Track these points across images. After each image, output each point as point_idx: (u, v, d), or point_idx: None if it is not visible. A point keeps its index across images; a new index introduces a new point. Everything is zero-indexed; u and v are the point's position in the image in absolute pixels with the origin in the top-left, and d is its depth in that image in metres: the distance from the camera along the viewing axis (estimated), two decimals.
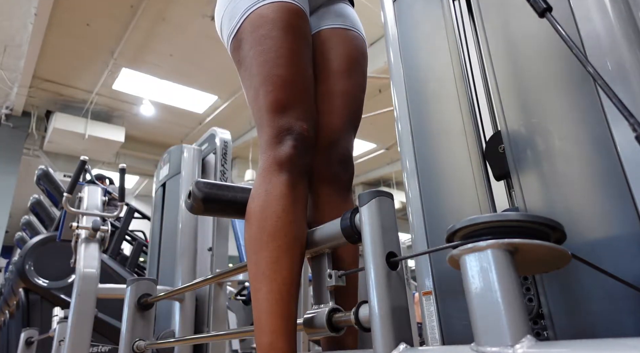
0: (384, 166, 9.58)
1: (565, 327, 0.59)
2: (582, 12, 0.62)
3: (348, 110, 1.03)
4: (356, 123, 1.07)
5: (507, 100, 0.71)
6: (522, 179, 0.67)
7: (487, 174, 0.75)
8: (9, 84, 6.18)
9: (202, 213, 0.94)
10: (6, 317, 3.82)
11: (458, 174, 0.77)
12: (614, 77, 0.56)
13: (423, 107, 0.85)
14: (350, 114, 1.04)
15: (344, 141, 1.03)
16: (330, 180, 1.00)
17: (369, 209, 0.65)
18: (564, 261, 0.48)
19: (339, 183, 1.01)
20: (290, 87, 0.86)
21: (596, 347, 0.36)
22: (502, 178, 0.73)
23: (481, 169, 0.74)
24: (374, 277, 0.61)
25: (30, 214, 4.28)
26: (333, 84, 1.03)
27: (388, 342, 0.58)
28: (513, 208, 0.70)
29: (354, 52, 1.07)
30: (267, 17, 0.89)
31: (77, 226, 2.13)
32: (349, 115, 1.04)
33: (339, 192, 1.01)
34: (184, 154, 2.50)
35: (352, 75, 1.05)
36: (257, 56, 0.88)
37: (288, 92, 0.86)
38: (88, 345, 1.89)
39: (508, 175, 0.70)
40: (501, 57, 0.73)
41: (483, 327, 0.42)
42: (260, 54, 0.88)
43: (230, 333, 1.65)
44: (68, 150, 7.36)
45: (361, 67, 1.09)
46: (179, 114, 7.53)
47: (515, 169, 0.68)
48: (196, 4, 5.21)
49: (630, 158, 0.55)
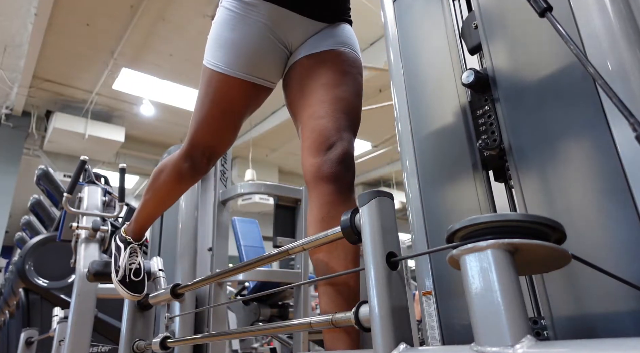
0: (384, 166, 9.58)
1: (565, 327, 0.59)
2: (582, 12, 0.62)
3: (343, 113, 1.08)
4: (354, 126, 1.12)
5: (503, 86, 0.71)
6: (522, 179, 0.67)
7: (487, 174, 0.75)
8: (9, 84, 6.18)
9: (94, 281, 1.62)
10: (6, 316, 3.82)
11: (458, 174, 0.77)
12: (614, 77, 0.56)
13: (423, 107, 0.85)
14: (346, 117, 1.09)
15: (343, 142, 1.05)
16: (332, 180, 1.01)
17: (369, 209, 0.65)
18: (564, 261, 0.48)
19: (340, 182, 1.02)
20: (202, 133, 1.21)
21: (596, 347, 0.36)
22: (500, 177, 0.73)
23: (481, 169, 0.74)
24: (374, 277, 0.61)
25: (30, 214, 4.28)
26: (327, 92, 1.10)
27: (388, 342, 0.58)
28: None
29: (346, 66, 1.16)
30: (212, 80, 1.16)
31: (77, 226, 2.13)
32: (344, 118, 1.08)
33: (341, 192, 1.02)
34: None
35: (344, 83, 1.13)
36: (198, 100, 1.20)
37: (199, 137, 1.22)
38: (88, 345, 1.89)
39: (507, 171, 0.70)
40: (501, 58, 0.73)
41: (483, 327, 0.42)
42: (199, 99, 1.20)
43: (230, 333, 1.65)
44: (68, 150, 7.36)
45: (354, 77, 1.16)
46: (179, 114, 7.53)
47: (516, 169, 0.68)
48: (196, 4, 5.21)
49: (630, 158, 0.55)
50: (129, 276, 1.42)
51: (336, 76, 1.13)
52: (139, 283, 1.44)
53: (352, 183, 1.05)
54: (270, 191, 2.32)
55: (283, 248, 0.92)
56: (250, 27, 1.13)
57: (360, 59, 1.21)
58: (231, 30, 1.14)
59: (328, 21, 1.19)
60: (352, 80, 1.15)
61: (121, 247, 1.47)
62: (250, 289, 2.78)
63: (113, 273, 1.44)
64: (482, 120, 0.75)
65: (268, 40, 1.15)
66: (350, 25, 1.24)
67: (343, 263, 0.98)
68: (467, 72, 0.73)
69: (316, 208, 1.02)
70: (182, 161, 1.24)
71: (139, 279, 1.44)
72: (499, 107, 0.72)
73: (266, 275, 2.31)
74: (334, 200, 1.01)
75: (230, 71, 1.13)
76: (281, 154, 9.12)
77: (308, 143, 1.06)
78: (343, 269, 0.97)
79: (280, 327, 1.17)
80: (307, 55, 1.16)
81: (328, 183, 1.01)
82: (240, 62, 1.14)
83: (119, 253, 1.46)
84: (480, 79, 0.73)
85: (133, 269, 1.43)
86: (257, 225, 3.33)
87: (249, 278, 2.42)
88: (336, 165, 1.02)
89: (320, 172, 1.02)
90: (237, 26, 1.14)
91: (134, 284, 1.43)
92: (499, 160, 0.73)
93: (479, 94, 0.76)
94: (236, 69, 1.14)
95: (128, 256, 1.44)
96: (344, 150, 1.04)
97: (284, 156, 9.23)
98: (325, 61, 1.14)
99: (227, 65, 1.13)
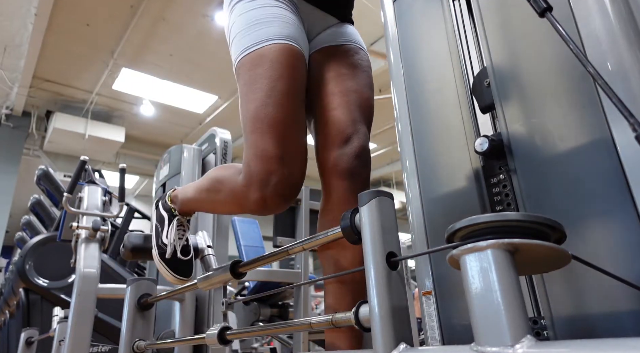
0: (384, 166, 9.59)
1: (565, 327, 0.59)
2: (582, 12, 0.62)
3: (356, 106, 1.06)
4: (368, 118, 1.09)
5: (506, 100, 0.71)
6: (522, 179, 0.67)
7: (487, 174, 0.75)
8: (9, 84, 6.18)
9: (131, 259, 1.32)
10: (6, 316, 3.82)
11: (458, 174, 0.77)
12: (614, 77, 0.56)
13: (423, 107, 0.85)
14: (359, 110, 1.06)
15: (359, 135, 1.02)
16: (349, 175, 0.98)
17: (369, 209, 0.65)
18: (564, 261, 0.47)
19: (356, 178, 0.99)
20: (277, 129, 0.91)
21: (596, 347, 0.36)
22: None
23: (481, 169, 0.74)
24: (374, 277, 0.61)
25: (30, 214, 4.28)
26: (338, 84, 1.07)
27: (388, 342, 0.58)
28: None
29: (356, 59, 1.14)
30: (265, 58, 0.94)
31: (77, 226, 2.13)
32: (358, 110, 1.06)
33: (357, 189, 0.98)
34: (184, 154, 2.50)
35: (355, 76, 1.10)
36: (249, 93, 0.94)
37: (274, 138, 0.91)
38: (88, 345, 1.89)
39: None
40: (501, 57, 0.73)
41: (483, 327, 0.42)
42: (251, 93, 0.94)
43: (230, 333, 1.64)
44: (68, 150, 7.36)
45: (365, 70, 1.14)
46: (179, 114, 7.53)
47: (516, 169, 0.68)
48: (196, 4, 5.21)
49: (630, 158, 0.55)
50: (174, 255, 1.15)
51: (348, 69, 1.11)
52: (186, 264, 1.17)
53: (368, 179, 1.02)
54: None
55: (283, 248, 0.91)
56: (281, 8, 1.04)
57: (368, 56, 1.20)
58: (270, 7, 1.02)
59: (340, 18, 1.18)
60: (364, 73, 1.13)
61: (165, 218, 1.19)
62: (250, 289, 2.78)
63: (155, 250, 1.17)
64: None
65: (299, 19, 1.08)
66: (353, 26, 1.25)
67: (351, 263, 0.97)
68: (480, 139, 0.70)
69: (330, 204, 0.98)
70: (253, 189, 0.91)
71: (187, 258, 1.17)
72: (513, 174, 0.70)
73: (266, 275, 2.31)
74: (349, 198, 0.97)
75: (285, 39, 0.97)
76: None
77: (322, 136, 1.03)
78: (351, 268, 0.96)
79: (280, 327, 1.17)
80: (319, 49, 1.14)
81: (344, 178, 0.98)
82: (291, 32, 0.99)
83: (161, 226, 1.19)
84: (494, 147, 0.70)
85: (181, 246, 1.16)
86: (257, 225, 3.34)
87: (249, 278, 2.42)
88: (353, 160, 0.99)
89: (336, 167, 0.98)
90: (268, 5, 1.03)
91: (182, 264, 1.16)
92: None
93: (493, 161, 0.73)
94: (290, 38, 0.98)
95: (176, 230, 1.16)
96: (361, 144, 1.01)
97: None
98: (338, 54, 1.13)
99: (280, 34, 0.97)
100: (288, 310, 2.64)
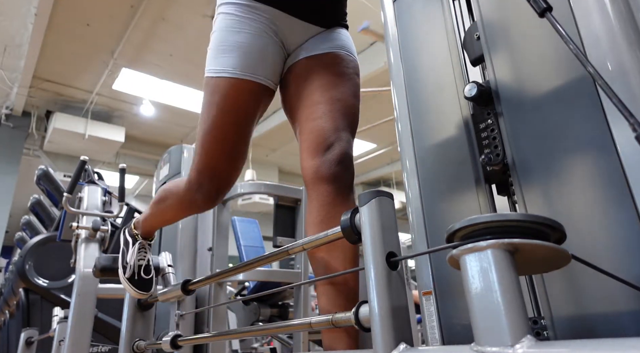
0: (384, 166, 9.58)
1: (565, 327, 0.59)
2: (582, 12, 0.62)
3: (340, 114, 1.09)
4: (352, 126, 1.12)
5: (506, 100, 0.71)
6: (522, 179, 0.67)
7: (487, 174, 0.75)
8: (9, 84, 6.18)
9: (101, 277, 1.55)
10: (6, 316, 3.82)
11: (458, 174, 0.77)
12: (614, 77, 0.56)
13: (423, 107, 0.85)
14: (344, 118, 1.09)
15: (341, 142, 1.05)
16: (331, 181, 1.01)
17: (369, 209, 0.65)
18: (564, 261, 0.48)
19: (339, 183, 1.02)
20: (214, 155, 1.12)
21: (596, 347, 0.36)
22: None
23: (481, 169, 0.74)
24: (374, 277, 0.61)
25: (30, 214, 4.28)
26: (323, 93, 1.11)
27: (388, 342, 0.58)
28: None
29: (342, 67, 1.16)
30: (220, 88, 1.09)
31: (77, 226, 2.13)
32: (342, 118, 1.08)
33: (340, 192, 1.01)
34: (184, 154, 2.50)
35: (340, 85, 1.13)
36: (204, 115, 1.12)
37: (210, 159, 1.12)
38: (88, 345, 1.89)
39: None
40: (501, 57, 0.73)
41: (483, 327, 0.42)
42: (205, 114, 1.12)
43: (230, 333, 1.65)
44: (68, 150, 7.35)
45: (350, 78, 1.16)
46: (179, 114, 7.52)
47: (516, 169, 0.68)
48: (196, 4, 5.21)
49: (630, 158, 0.55)
50: (138, 274, 1.38)
51: (333, 77, 1.13)
52: (147, 281, 1.39)
53: (351, 184, 1.05)
54: (270, 191, 2.32)
55: (283, 248, 0.92)
56: (255, 28, 1.11)
57: (357, 62, 1.22)
58: (237, 33, 1.12)
59: (325, 26, 1.20)
60: (349, 81, 1.15)
61: (129, 242, 1.41)
62: (250, 289, 2.78)
63: (120, 270, 1.38)
64: (485, 134, 0.75)
65: (272, 40, 1.14)
66: (346, 30, 1.25)
67: (342, 263, 0.98)
68: (469, 85, 0.73)
69: (315, 209, 1.02)
70: (191, 192, 1.15)
71: (148, 277, 1.39)
72: (502, 120, 0.71)
73: (266, 275, 2.31)
74: (333, 201, 1.00)
75: (239, 72, 1.09)
76: (281, 154, 9.12)
77: (306, 144, 1.06)
78: (342, 269, 0.97)
79: (280, 327, 1.17)
80: (304, 58, 1.16)
81: (327, 183, 1.01)
82: (249, 63, 1.10)
83: (127, 248, 1.41)
84: (483, 93, 0.72)
85: (143, 266, 1.38)
86: (257, 225, 3.34)
87: (249, 278, 2.42)
88: (335, 166, 1.02)
89: (318, 173, 1.01)
90: (242, 28, 1.12)
91: (143, 282, 1.39)
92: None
93: (482, 107, 0.75)
94: (245, 71, 1.10)
95: (137, 252, 1.38)
96: (343, 150, 1.04)
97: (284, 156, 9.23)
98: (322, 63, 1.15)
99: (235, 67, 1.09)
100: (288, 310, 2.64)
